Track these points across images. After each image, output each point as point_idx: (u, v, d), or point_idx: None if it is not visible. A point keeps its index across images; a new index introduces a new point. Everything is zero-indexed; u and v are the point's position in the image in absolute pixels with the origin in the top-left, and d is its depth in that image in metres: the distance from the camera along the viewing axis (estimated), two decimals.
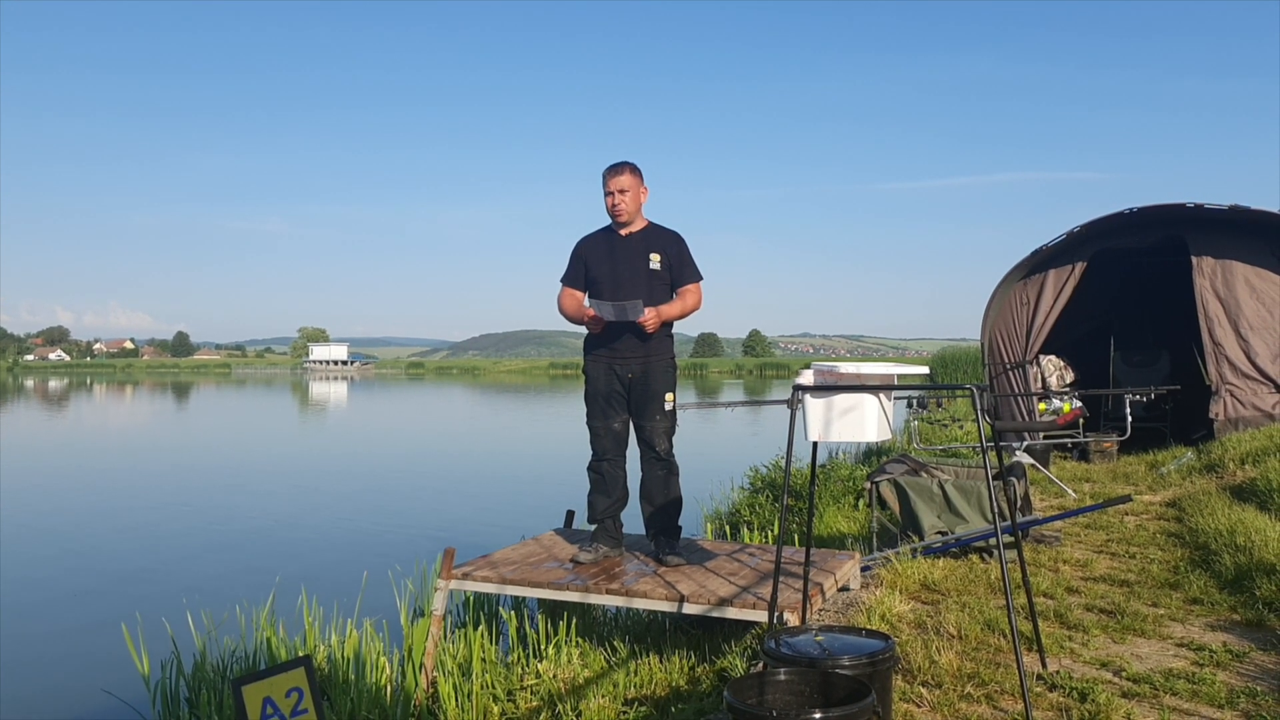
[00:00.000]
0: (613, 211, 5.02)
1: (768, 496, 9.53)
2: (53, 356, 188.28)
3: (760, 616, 4.25)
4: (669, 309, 4.98)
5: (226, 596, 6.94)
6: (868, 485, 6.57)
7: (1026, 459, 8.53)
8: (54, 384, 78.98)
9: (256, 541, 10.45)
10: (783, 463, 10.03)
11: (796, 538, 7.61)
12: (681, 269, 5.08)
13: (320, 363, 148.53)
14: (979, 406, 3.27)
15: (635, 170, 5.03)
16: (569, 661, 4.80)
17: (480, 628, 5.14)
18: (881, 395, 3.47)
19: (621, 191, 4.97)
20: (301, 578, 6.86)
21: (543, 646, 5.09)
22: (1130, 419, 9.17)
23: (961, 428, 14.16)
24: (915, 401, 18.30)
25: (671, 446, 5.10)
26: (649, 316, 4.84)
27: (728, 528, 8.59)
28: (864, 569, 5.50)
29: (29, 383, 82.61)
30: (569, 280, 5.18)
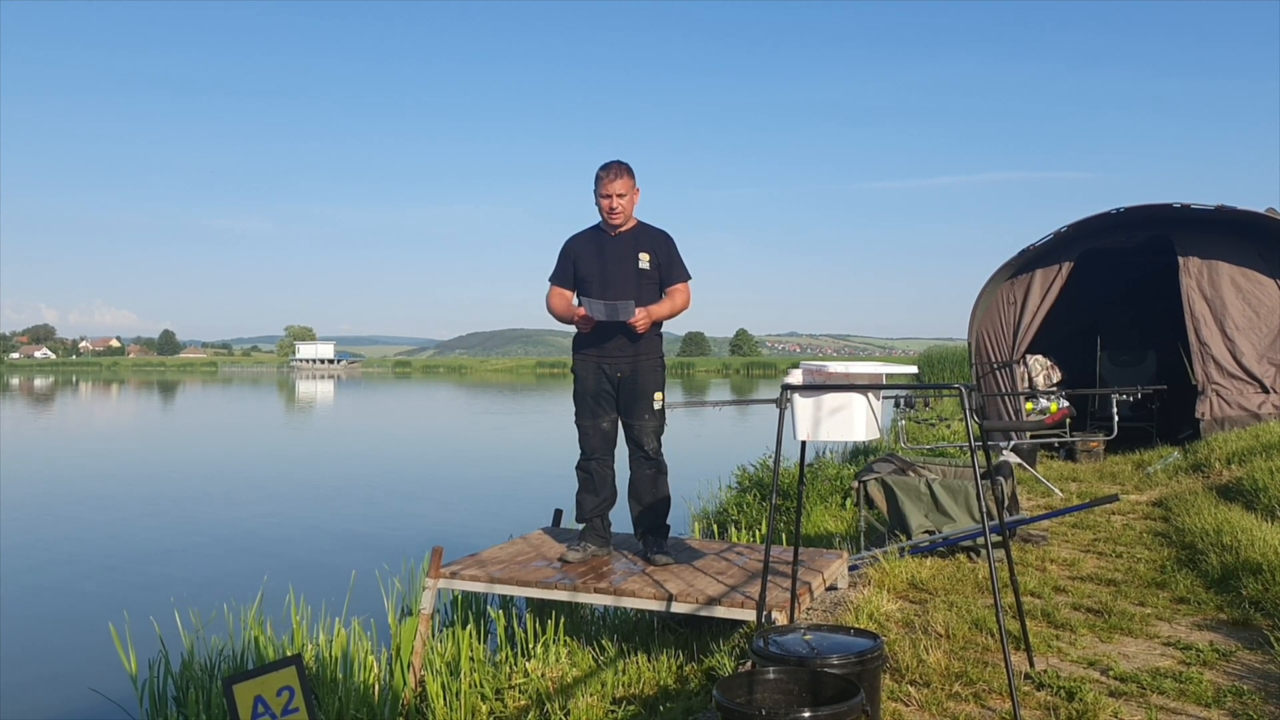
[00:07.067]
0: (609, 214, 5.00)
1: (755, 496, 9.54)
2: (38, 355, 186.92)
3: (748, 615, 4.26)
4: (659, 309, 4.99)
5: (214, 595, 6.90)
6: (855, 484, 6.58)
7: (1013, 458, 8.56)
8: (39, 382, 78.51)
9: (244, 540, 10.40)
10: (770, 462, 10.05)
11: (784, 537, 7.62)
12: (670, 268, 5.08)
13: (307, 361, 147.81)
14: (968, 406, 3.28)
15: (631, 172, 5.02)
16: (557, 660, 4.80)
17: (468, 627, 5.13)
18: (870, 395, 3.47)
19: (619, 195, 4.95)
20: (289, 577, 6.83)
21: (531, 645, 5.09)
22: (1117, 418, 9.20)
23: (949, 427, 14.20)
24: (903, 401, 18.32)
25: (660, 446, 5.10)
26: (640, 317, 4.84)
27: (715, 527, 8.59)
28: (852, 568, 5.51)
29: (14, 381, 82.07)
30: (557, 279, 5.18)
